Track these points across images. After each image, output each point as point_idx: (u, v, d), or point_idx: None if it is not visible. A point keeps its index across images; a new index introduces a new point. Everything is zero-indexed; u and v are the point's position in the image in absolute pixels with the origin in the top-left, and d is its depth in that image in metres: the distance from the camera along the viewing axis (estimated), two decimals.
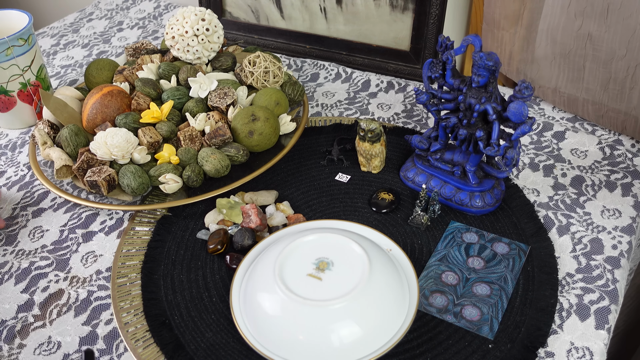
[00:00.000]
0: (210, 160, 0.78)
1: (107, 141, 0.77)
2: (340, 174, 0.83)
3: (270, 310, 0.59)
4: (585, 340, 0.61)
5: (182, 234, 0.75)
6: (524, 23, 0.90)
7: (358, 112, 0.96)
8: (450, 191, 0.76)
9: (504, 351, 0.60)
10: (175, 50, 0.89)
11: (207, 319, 0.65)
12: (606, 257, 0.70)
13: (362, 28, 1.05)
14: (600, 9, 0.79)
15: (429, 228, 0.74)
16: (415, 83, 1.02)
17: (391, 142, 0.87)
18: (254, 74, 0.87)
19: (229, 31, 1.16)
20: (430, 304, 0.65)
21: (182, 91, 0.86)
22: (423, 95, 0.74)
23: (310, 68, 1.07)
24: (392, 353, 0.60)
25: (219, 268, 0.71)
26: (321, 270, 0.61)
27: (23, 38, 0.89)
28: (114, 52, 1.19)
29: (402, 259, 0.66)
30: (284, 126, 0.85)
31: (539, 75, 0.92)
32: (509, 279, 0.67)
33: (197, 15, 0.87)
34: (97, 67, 0.93)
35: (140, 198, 0.79)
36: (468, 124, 0.73)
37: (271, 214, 0.75)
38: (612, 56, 0.81)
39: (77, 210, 0.81)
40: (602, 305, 0.65)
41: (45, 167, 0.83)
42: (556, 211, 0.76)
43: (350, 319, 0.57)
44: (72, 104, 0.88)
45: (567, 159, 0.84)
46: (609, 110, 0.86)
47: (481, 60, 0.67)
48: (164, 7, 1.34)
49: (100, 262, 0.73)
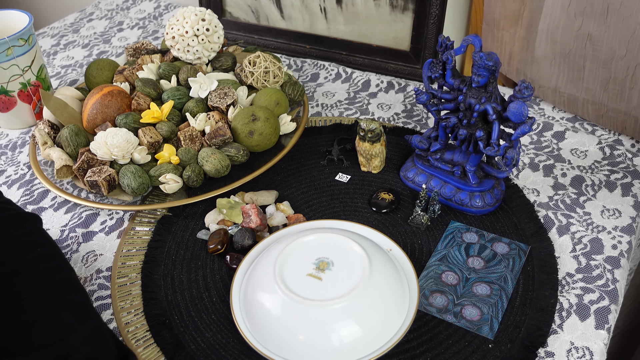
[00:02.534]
0: (210, 160, 0.78)
1: (107, 141, 0.77)
2: (340, 174, 0.83)
3: (270, 310, 0.59)
4: (585, 340, 0.61)
5: (182, 234, 0.75)
6: (524, 23, 0.90)
7: (358, 112, 0.96)
8: (450, 191, 0.76)
9: (504, 351, 0.60)
10: (175, 50, 0.89)
11: (207, 319, 0.65)
12: (606, 257, 0.70)
13: (362, 28, 1.05)
14: (600, 9, 0.79)
15: (429, 228, 0.74)
16: (415, 83, 1.02)
17: (391, 142, 0.87)
18: (254, 74, 0.87)
19: (229, 31, 1.16)
20: (430, 304, 0.65)
21: (182, 91, 0.86)
22: (423, 95, 0.74)
23: (310, 68, 1.07)
24: (392, 353, 0.60)
25: (219, 268, 0.71)
26: (321, 270, 0.61)
27: (23, 38, 0.89)
28: (114, 52, 1.19)
29: (402, 259, 0.66)
30: (284, 126, 0.85)
31: (539, 75, 0.92)
32: (509, 279, 0.67)
33: (197, 15, 0.87)
34: (97, 67, 0.93)
35: (141, 198, 0.79)
36: (468, 124, 0.73)
37: (271, 214, 0.75)
38: (612, 56, 0.81)
39: (77, 210, 0.81)
40: (602, 305, 0.65)
41: (45, 166, 0.83)
42: (556, 211, 0.76)
43: (350, 319, 0.57)
44: (72, 104, 0.88)
45: (567, 159, 0.84)
46: (609, 110, 0.86)
47: (481, 60, 0.67)
48: (164, 7, 1.34)
49: (101, 262, 0.73)
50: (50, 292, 0.56)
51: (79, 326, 0.54)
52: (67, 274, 0.59)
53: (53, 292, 0.56)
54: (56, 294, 0.56)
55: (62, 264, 0.60)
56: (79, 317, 0.55)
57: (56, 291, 0.56)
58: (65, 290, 0.57)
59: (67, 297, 0.57)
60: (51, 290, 0.56)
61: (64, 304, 0.55)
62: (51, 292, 0.56)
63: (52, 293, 0.56)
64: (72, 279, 0.59)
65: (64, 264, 0.60)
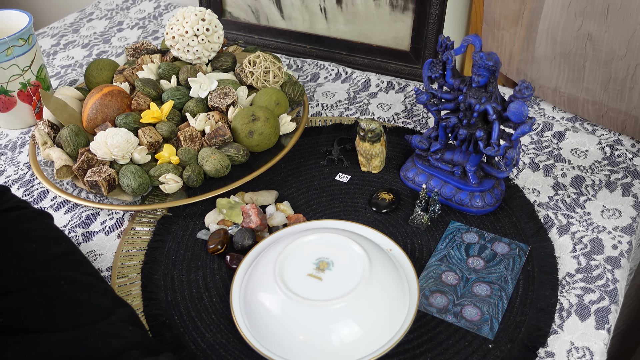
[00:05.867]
0: (210, 160, 0.78)
1: (107, 141, 0.77)
2: (341, 174, 0.83)
3: (270, 310, 0.59)
4: (586, 340, 0.61)
5: (182, 234, 0.75)
6: (524, 23, 0.90)
7: (358, 112, 0.96)
8: (451, 191, 0.76)
9: (504, 351, 0.60)
10: (175, 50, 0.89)
11: (207, 319, 0.65)
12: (606, 257, 0.70)
13: (362, 28, 1.05)
14: (600, 9, 0.79)
15: (429, 228, 0.74)
16: (415, 83, 1.02)
17: (391, 142, 0.87)
18: (254, 74, 0.87)
19: (229, 31, 1.16)
20: (431, 304, 0.65)
21: (182, 91, 0.86)
22: (423, 95, 0.74)
23: (310, 68, 1.07)
24: (392, 353, 0.60)
25: (219, 268, 0.71)
26: (321, 270, 0.61)
27: (23, 38, 0.89)
28: (114, 52, 1.19)
29: (402, 259, 0.66)
30: (284, 126, 0.85)
31: (539, 75, 0.92)
32: (509, 279, 0.67)
33: (197, 15, 0.87)
34: (97, 67, 0.93)
35: (141, 198, 0.79)
36: (468, 124, 0.73)
37: (271, 214, 0.75)
38: (612, 56, 0.81)
39: (77, 210, 0.81)
40: (602, 305, 0.65)
41: (45, 166, 0.83)
42: (556, 211, 0.76)
43: (350, 319, 0.57)
44: (72, 104, 0.88)
45: (567, 159, 0.84)
46: (609, 110, 0.86)
47: (481, 60, 0.67)
48: (164, 7, 1.34)
49: (101, 262, 0.73)
50: (84, 281, 0.57)
51: (116, 309, 0.55)
52: (92, 266, 0.61)
53: (86, 280, 0.57)
54: (89, 282, 0.57)
55: (85, 257, 0.62)
56: (115, 303, 0.57)
57: (89, 280, 0.58)
58: (96, 279, 0.59)
59: (101, 286, 0.58)
60: (84, 279, 0.57)
61: (99, 291, 0.57)
62: (85, 281, 0.57)
63: (85, 282, 0.57)
64: (98, 271, 0.61)
65: (86, 258, 0.62)
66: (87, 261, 0.62)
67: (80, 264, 0.60)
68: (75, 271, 0.58)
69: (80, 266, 0.59)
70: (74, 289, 0.55)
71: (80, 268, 0.59)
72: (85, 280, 0.57)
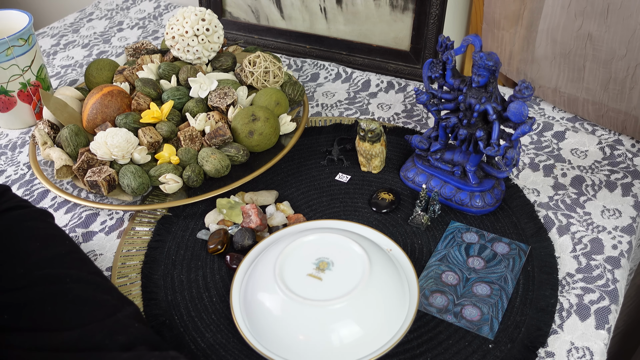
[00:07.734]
0: (210, 160, 0.78)
1: (107, 141, 0.77)
2: (341, 174, 0.83)
3: (270, 310, 0.59)
4: (586, 340, 0.61)
5: (182, 234, 0.75)
6: (524, 23, 0.90)
7: (358, 112, 0.96)
8: (451, 191, 0.76)
9: (504, 351, 0.60)
10: (175, 50, 0.89)
11: (207, 319, 0.65)
12: (606, 257, 0.70)
13: (362, 28, 1.05)
14: (600, 9, 0.79)
15: (429, 228, 0.74)
16: (415, 83, 1.02)
17: (391, 142, 0.87)
18: (254, 74, 0.87)
19: (229, 31, 1.16)
20: (431, 304, 0.65)
21: (182, 91, 0.86)
22: (423, 95, 0.74)
23: (310, 68, 1.07)
24: (392, 353, 0.60)
25: (219, 268, 0.71)
26: (321, 270, 0.61)
27: (23, 38, 0.89)
28: (114, 52, 1.19)
29: (402, 259, 0.66)
30: (284, 126, 0.85)
31: (539, 75, 0.92)
32: (509, 279, 0.67)
33: (197, 15, 0.87)
34: (97, 67, 0.93)
35: (141, 198, 0.79)
36: (468, 124, 0.73)
37: (271, 214, 0.75)
38: (612, 56, 0.81)
39: (77, 210, 0.81)
40: (602, 305, 0.65)
41: (45, 166, 0.83)
42: (556, 211, 0.76)
43: (350, 319, 0.57)
44: (72, 104, 0.88)
45: (567, 159, 0.84)
46: (609, 110, 0.86)
47: (481, 60, 0.67)
48: (164, 7, 1.34)
49: (101, 262, 0.73)
50: (89, 279, 0.57)
51: (122, 307, 0.56)
52: (95, 265, 0.62)
53: (91, 279, 0.58)
54: (94, 281, 0.58)
55: (87, 257, 0.62)
56: (120, 300, 0.57)
57: (94, 279, 0.58)
58: (101, 278, 0.59)
59: (105, 284, 0.58)
60: (89, 278, 0.58)
61: (104, 289, 0.57)
62: (90, 279, 0.57)
63: (91, 280, 0.57)
64: (100, 270, 0.61)
65: (88, 257, 0.63)
66: (90, 260, 0.62)
67: (84, 262, 0.60)
68: (80, 269, 0.58)
69: (84, 264, 0.60)
70: (80, 286, 0.56)
71: (84, 266, 0.59)
72: (91, 279, 0.57)
